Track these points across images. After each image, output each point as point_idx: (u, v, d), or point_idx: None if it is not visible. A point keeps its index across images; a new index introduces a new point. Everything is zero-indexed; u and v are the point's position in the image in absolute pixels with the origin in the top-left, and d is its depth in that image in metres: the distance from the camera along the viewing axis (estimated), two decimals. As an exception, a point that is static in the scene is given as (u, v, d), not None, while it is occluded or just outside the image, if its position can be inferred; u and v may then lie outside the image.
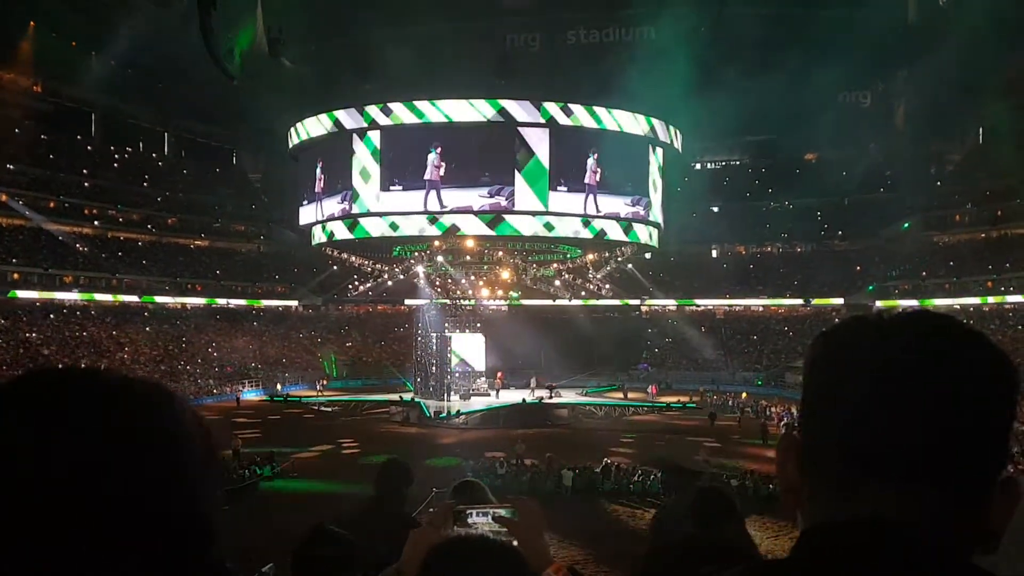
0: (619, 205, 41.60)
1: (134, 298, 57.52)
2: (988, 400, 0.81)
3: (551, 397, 43.76)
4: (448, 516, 1.82)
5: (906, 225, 62.15)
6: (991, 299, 54.66)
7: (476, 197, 39.64)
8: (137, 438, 0.75)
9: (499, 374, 46.32)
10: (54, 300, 53.19)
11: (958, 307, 55.46)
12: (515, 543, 1.75)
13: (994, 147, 59.34)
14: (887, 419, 0.80)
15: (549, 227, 40.66)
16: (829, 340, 0.87)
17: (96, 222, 59.79)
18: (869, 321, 0.87)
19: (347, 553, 3.17)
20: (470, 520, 1.81)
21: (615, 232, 42.32)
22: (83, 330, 51.89)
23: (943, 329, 0.83)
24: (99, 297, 55.60)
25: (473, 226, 40.51)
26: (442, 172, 39.33)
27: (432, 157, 39.17)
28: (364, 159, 40.93)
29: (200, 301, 61.96)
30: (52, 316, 51.76)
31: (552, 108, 39.88)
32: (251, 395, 49.86)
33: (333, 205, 42.96)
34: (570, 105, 40.24)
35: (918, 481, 0.80)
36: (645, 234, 43.98)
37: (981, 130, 64.51)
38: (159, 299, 59.07)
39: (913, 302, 57.35)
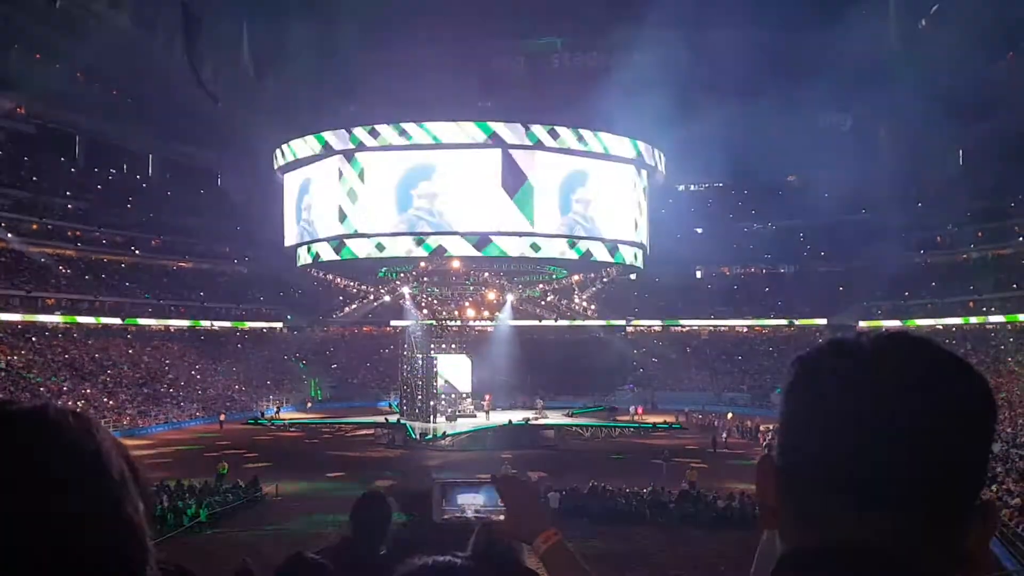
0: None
1: (116, 320, 57.12)
2: (965, 427, 0.80)
3: (537, 418, 43.75)
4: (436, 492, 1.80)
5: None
6: (973, 319, 55.08)
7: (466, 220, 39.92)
8: (44, 470, 0.73)
9: (487, 396, 46.19)
10: (36, 322, 52.74)
11: (940, 327, 55.90)
12: (500, 518, 1.75)
13: (975, 168, 60.10)
14: (861, 445, 0.79)
15: (536, 248, 40.79)
16: (805, 364, 0.87)
17: (79, 244, 59.47)
18: (845, 345, 0.85)
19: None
20: (459, 499, 1.82)
21: (600, 253, 42.57)
22: (65, 352, 51.42)
23: (920, 353, 0.82)
24: (81, 319, 55.16)
25: (459, 247, 40.60)
26: (435, 193, 39.53)
27: (424, 182, 39.44)
28: (350, 180, 40.98)
29: (183, 323, 61.58)
30: (34, 338, 51.29)
31: (539, 131, 40.14)
32: (234, 418, 49.48)
33: (318, 226, 42.95)
34: (556, 127, 40.52)
35: (893, 507, 0.79)
36: (630, 255, 44.24)
37: (961, 152, 65.27)
38: (142, 321, 58.67)
39: (896, 323, 57.82)
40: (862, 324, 59.26)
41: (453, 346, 47.01)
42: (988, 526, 0.81)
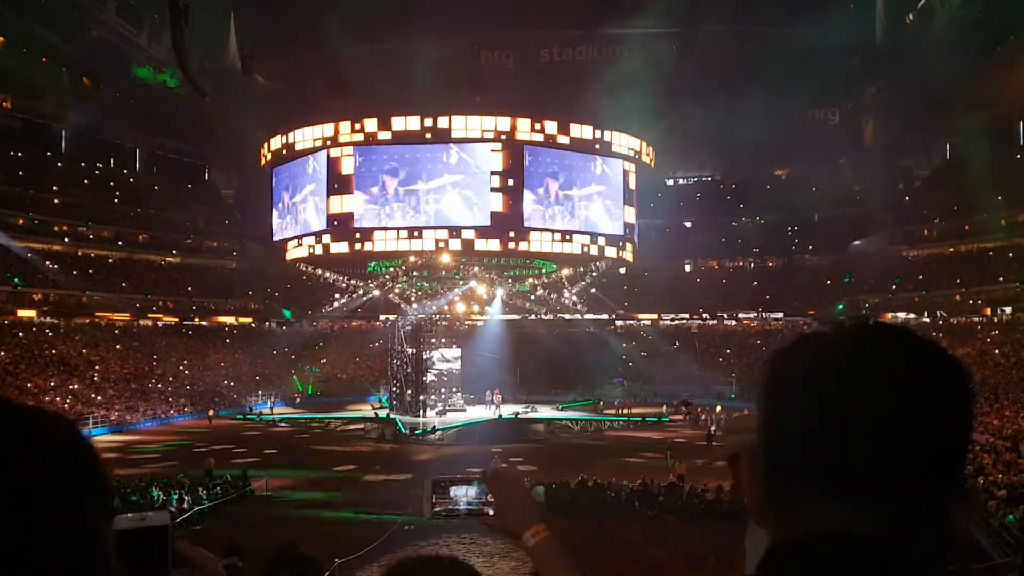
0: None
1: (104, 315, 56.80)
2: (943, 412, 0.79)
3: (527, 412, 43.73)
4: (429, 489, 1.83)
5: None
6: (959, 312, 55.35)
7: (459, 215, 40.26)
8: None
9: (496, 391, 45.92)
10: (23, 318, 52.42)
11: (927, 321, 56.16)
12: (491, 512, 1.77)
13: (961, 162, 60.35)
14: (838, 435, 0.78)
15: (515, 243, 41.32)
16: (781, 356, 0.87)
17: (66, 239, 59.11)
18: (820, 336, 0.85)
19: (315, 571, 3.16)
20: (451, 493, 1.85)
21: (584, 247, 42.99)
22: (52, 348, 51.11)
23: (895, 341, 0.81)
24: (68, 314, 54.81)
25: (427, 243, 41.61)
26: (412, 188, 39.72)
27: (400, 177, 39.64)
28: (326, 175, 41.09)
29: (171, 318, 61.31)
30: (21, 334, 50.97)
31: (523, 124, 40.24)
32: (223, 413, 49.34)
33: (305, 221, 42.95)
34: (540, 121, 40.68)
35: (872, 496, 0.78)
36: (618, 249, 44.43)
37: (948, 146, 65.55)
38: (130, 316, 58.35)
39: (882, 316, 58.03)
40: (849, 318, 59.36)
41: (443, 340, 46.93)
42: (970, 511, 0.82)
